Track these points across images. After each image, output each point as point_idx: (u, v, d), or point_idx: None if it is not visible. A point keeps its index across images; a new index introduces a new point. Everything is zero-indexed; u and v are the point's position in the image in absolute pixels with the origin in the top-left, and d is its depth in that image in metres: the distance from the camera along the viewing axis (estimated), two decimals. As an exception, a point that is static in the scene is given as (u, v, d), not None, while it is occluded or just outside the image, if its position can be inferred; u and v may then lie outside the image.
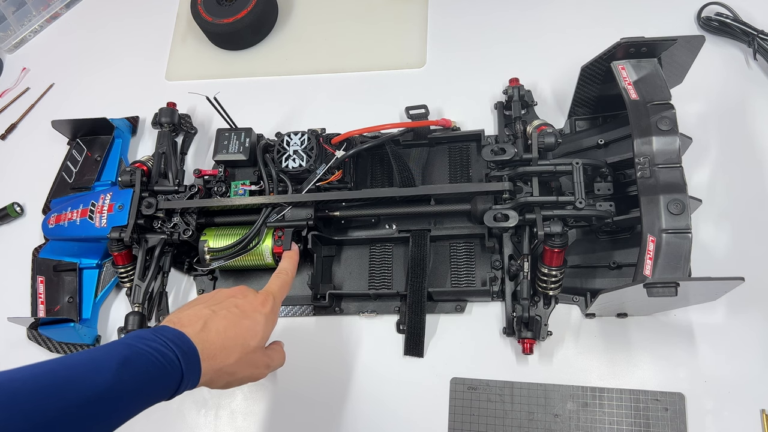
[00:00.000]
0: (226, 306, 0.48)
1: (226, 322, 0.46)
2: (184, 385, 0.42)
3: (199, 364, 0.43)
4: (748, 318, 0.56)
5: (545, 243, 0.53)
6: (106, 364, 0.38)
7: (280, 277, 0.54)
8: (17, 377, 0.36)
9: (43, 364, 0.37)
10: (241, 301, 0.49)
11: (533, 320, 0.55)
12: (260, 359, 0.49)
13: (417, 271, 0.59)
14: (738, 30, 0.64)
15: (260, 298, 0.50)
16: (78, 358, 0.38)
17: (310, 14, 0.81)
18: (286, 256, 0.58)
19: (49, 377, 0.36)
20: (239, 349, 0.46)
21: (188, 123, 0.75)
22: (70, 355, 0.39)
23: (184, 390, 0.42)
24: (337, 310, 0.63)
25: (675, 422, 0.53)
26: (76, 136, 0.76)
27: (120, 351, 0.39)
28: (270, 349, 0.52)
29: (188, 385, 0.42)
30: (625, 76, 0.54)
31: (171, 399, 0.42)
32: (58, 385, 0.35)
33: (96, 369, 0.37)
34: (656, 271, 0.46)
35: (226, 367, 0.45)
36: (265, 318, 0.49)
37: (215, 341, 0.44)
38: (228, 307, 0.47)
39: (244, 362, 0.46)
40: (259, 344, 0.48)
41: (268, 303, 0.50)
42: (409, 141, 0.66)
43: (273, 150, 0.64)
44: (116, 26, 0.86)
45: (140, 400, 0.39)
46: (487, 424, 0.56)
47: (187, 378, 0.42)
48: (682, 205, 0.47)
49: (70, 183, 0.73)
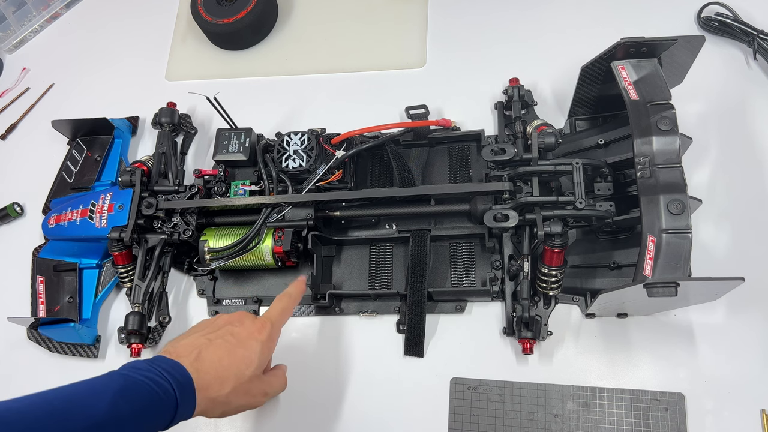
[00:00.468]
0: (221, 334, 0.47)
1: (221, 351, 0.46)
2: (179, 416, 0.42)
3: (194, 394, 0.43)
4: (748, 318, 0.56)
5: (545, 243, 0.53)
6: (103, 395, 0.38)
7: (283, 301, 0.53)
8: (15, 408, 0.36)
9: (41, 394, 0.38)
10: (238, 328, 0.48)
11: (533, 320, 0.55)
12: (257, 387, 0.49)
13: (417, 271, 0.59)
14: (738, 30, 0.64)
15: (257, 324, 0.49)
16: (75, 388, 0.39)
17: (310, 14, 0.81)
18: (294, 282, 0.56)
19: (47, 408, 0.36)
20: (234, 379, 0.45)
21: (188, 123, 0.75)
22: (67, 386, 0.39)
23: (179, 420, 0.42)
24: (337, 310, 0.63)
25: (675, 422, 0.53)
26: (76, 136, 0.76)
27: (117, 381, 0.40)
28: (269, 375, 0.52)
29: (183, 415, 0.42)
30: (625, 76, 0.53)
31: (166, 429, 0.42)
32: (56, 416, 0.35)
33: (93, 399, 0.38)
34: (656, 271, 0.46)
35: (221, 397, 0.45)
36: (262, 345, 0.48)
37: (209, 371, 0.44)
38: (224, 335, 0.47)
39: (239, 391, 0.46)
40: (255, 372, 0.47)
41: (266, 330, 0.49)
42: (409, 141, 0.66)
43: (273, 150, 0.64)
44: (116, 26, 0.86)
45: (136, 429, 0.39)
46: (487, 424, 0.56)
47: (182, 408, 0.42)
48: (682, 205, 0.47)
49: (70, 183, 0.73)
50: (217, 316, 0.52)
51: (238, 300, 0.65)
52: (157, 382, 0.41)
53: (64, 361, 0.66)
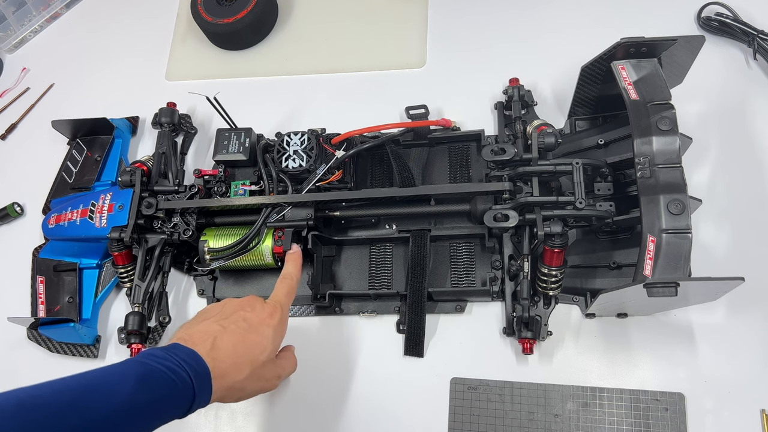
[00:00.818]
0: (234, 320, 0.48)
1: (235, 339, 0.46)
2: (197, 404, 0.42)
3: (210, 383, 0.43)
4: (748, 318, 0.55)
5: (545, 243, 0.53)
6: (124, 383, 0.38)
7: (285, 282, 0.54)
8: (38, 394, 0.36)
9: (61, 381, 0.38)
10: (250, 314, 0.49)
11: (533, 320, 0.55)
12: (271, 372, 0.49)
13: (417, 271, 0.59)
14: (738, 30, 0.64)
15: (268, 309, 0.50)
16: (95, 375, 0.39)
17: (310, 14, 0.81)
18: (289, 259, 0.57)
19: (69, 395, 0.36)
20: (249, 365, 0.46)
21: (188, 123, 0.74)
22: (87, 372, 0.39)
23: (196, 408, 0.42)
24: (337, 310, 0.63)
25: (675, 422, 0.53)
26: (76, 136, 0.76)
27: (135, 369, 0.40)
28: (280, 358, 0.52)
29: (200, 403, 0.43)
30: (625, 76, 0.53)
31: (184, 417, 0.42)
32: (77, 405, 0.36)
33: (114, 387, 0.38)
34: (656, 271, 0.45)
35: (237, 384, 0.45)
36: (273, 330, 0.48)
37: (224, 359, 0.44)
38: (236, 321, 0.47)
39: (254, 377, 0.47)
40: (269, 357, 0.48)
41: (276, 314, 0.49)
42: (409, 141, 0.66)
43: (273, 150, 0.64)
44: (116, 26, 0.86)
45: (154, 417, 0.40)
46: (487, 424, 0.56)
47: (199, 397, 0.42)
48: (682, 205, 0.47)
49: (70, 183, 0.73)
50: (225, 300, 0.51)
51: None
52: (174, 371, 0.41)
53: (64, 361, 0.66)
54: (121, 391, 0.38)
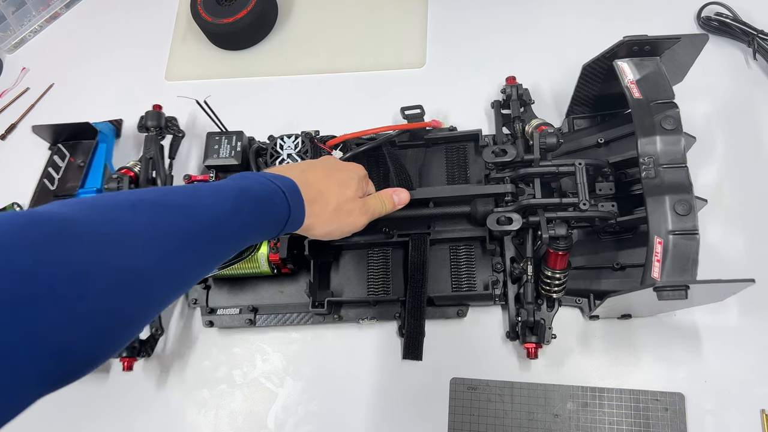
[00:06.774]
0: (319, 162, 0.48)
1: (322, 173, 0.46)
2: (291, 223, 0.42)
3: (303, 203, 0.42)
4: (748, 318, 0.53)
5: (550, 246, 0.50)
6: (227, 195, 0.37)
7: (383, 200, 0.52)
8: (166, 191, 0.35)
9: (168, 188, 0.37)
10: (333, 160, 0.50)
11: (538, 324, 0.52)
12: (358, 208, 0.48)
13: (416, 275, 0.55)
14: (738, 30, 0.61)
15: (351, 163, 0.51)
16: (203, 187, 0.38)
17: (310, 14, 0.77)
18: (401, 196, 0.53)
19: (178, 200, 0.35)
20: (336, 197, 0.45)
21: (175, 126, 0.69)
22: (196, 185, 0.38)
23: (290, 229, 0.42)
24: (336, 318, 0.58)
25: (675, 422, 0.50)
26: (57, 141, 0.70)
27: (236, 182, 0.39)
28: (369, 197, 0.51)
29: (294, 223, 0.42)
30: (627, 75, 0.50)
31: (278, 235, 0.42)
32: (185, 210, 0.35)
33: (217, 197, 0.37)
34: (664, 274, 0.42)
35: (325, 214, 0.45)
36: (358, 175, 0.49)
37: (313, 185, 0.44)
38: (322, 162, 0.49)
39: (342, 211, 0.46)
40: (355, 194, 0.47)
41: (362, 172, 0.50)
42: (405, 142, 0.62)
43: (266, 153, 0.60)
44: (116, 26, 0.82)
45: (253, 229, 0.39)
46: (487, 424, 0.53)
47: (293, 215, 0.41)
48: (688, 205, 0.44)
49: (53, 190, 0.67)
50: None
51: (233, 309, 0.60)
52: (270, 187, 0.40)
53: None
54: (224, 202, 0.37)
